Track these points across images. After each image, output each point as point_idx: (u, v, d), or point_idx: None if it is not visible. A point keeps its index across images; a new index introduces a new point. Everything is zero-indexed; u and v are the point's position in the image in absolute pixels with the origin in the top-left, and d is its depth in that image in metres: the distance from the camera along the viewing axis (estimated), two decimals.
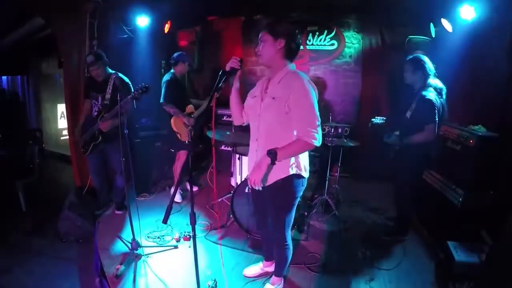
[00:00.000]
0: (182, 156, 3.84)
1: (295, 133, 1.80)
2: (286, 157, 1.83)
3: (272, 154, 1.74)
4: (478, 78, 3.26)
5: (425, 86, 2.71)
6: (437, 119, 2.61)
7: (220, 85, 1.79)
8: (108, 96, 3.11)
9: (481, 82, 3.23)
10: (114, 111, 2.92)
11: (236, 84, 2.02)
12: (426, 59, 2.75)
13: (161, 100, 3.59)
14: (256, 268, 2.53)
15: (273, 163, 1.76)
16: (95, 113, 3.18)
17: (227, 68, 1.85)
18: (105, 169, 3.52)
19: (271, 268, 2.51)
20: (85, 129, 3.24)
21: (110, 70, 3.15)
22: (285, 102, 1.78)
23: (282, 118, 1.80)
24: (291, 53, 1.85)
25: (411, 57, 2.85)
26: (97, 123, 3.06)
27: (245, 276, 2.50)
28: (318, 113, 1.77)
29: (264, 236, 2.42)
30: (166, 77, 3.63)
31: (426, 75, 2.72)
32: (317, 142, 1.75)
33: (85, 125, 3.28)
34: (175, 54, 3.70)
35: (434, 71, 2.75)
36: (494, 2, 2.97)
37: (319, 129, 1.77)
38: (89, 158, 3.39)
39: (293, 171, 1.88)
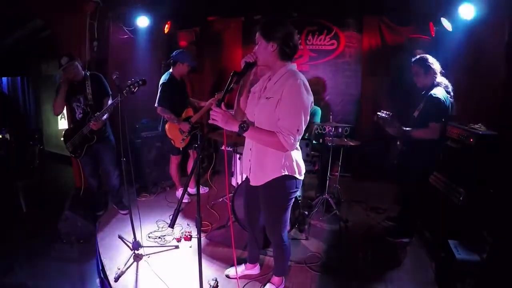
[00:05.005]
0: (174, 160, 3.80)
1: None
2: (253, 138, 1.84)
3: (243, 127, 1.69)
4: (477, 76, 3.27)
5: (434, 85, 2.71)
6: (443, 119, 2.62)
7: (231, 86, 1.73)
8: (90, 96, 3.10)
9: (480, 81, 3.23)
10: (108, 108, 2.93)
11: (247, 85, 1.99)
12: (432, 59, 2.74)
13: (156, 104, 3.46)
14: (238, 270, 2.46)
15: (238, 134, 1.71)
16: (80, 115, 3.13)
17: (242, 63, 1.78)
18: (99, 170, 3.51)
19: (252, 271, 2.51)
20: (70, 134, 3.17)
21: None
22: (277, 102, 1.75)
23: (275, 118, 1.76)
24: (286, 54, 1.79)
25: (417, 58, 2.81)
26: (87, 124, 3.01)
27: (226, 276, 2.49)
28: (302, 120, 1.72)
29: (252, 238, 2.39)
30: (163, 79, 3.47)
31: (434, 75, 2.72)
32: (289, 147, 1.72)
33: (70, 130, 3.22)
34: (174, 53, 3.52)
35: (441, 69, 2.74)
36: (493, 1, 2.98)
37: (298, 136, 1.73)
38: (83, 162, 3.36)
39: (285, 172, 1.87)
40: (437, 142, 2.74)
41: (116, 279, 2.40)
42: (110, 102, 3.11)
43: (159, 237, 3.02)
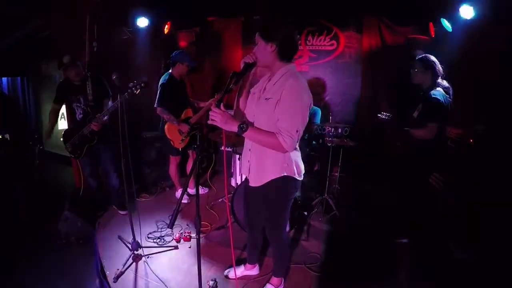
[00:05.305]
0: (174, 161, 3.80)
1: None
2: (252, 139, 1.83)
3: (242, 128, 1.69)
4: (477, 77, 3.27)
5: (434, 86, 2.70)
6: (442, 119, 2.62)
7: (230, 86, 1.73)
8: (90, 97, 3.10)
9: (480, 81, 3.23)
10: (109, 109, 2.93)
11: (247, 85, 2.00)
12: (435, 59, 2.72)
13: (155, 105, 3.44)
14: (238, 271, 2.46)
15: (238, 134, 1.71)
16: (80, 116, 3.13)
17: (241, 64, 1.79)
18: (99, 170, 3.52)
19: (252, 272, 2.51)
20: (70, 134, 3.17)
21: None
22: (277, 102, 1.74)
23: (274, 119, 1.76)
24: (286, 55, 1.79)
25: (420, 56, 2.81)
26: (88, 124, 3.02)
27: (226, 277, 2.49)
28: (302, 121, 1.72)
29: (251, 238, 2.39)
30: (163, 80, 3.46)
31: (435, 76, 2.70)
32: (288, 148, 1.72)
33: (70, 130, 3.22)
34: (174, 54, 3.52)
35: (443, 73, 2.72)
36: (493, 1, 2.98)
37: (297, 137, 1.73)
38: (82, 162, 3.36)
39: (284, 173, 1.87)
40: (436, 142, 2.74)
41: (115, 280, 2.40)
42: (110, 102, 3.12)
43: (159, 238, 3.02)
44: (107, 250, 2.82)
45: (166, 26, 4.67)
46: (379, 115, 2.97)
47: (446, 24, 3.56)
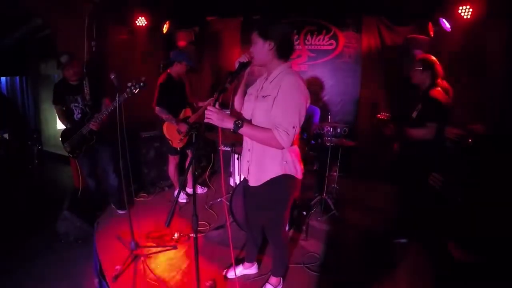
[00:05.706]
0: (172, 160, 3.79)
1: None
2: (249, 135, 1.84)
3: (238, 124, 1.70)
4: (476, 76, 3.27)
5: (433, 86, 2.69)
6: (441, 119, 2.62)
7: (225, 86, 1.73)
8: (88, 96, 3.09)
9: (479, 81, 3.23)
10: (108, 108, 2.92)
11: (242, 85, 2.00)
12: (435, 60, 2.72)
13: (154, 104, 3.43)
14: (236, 271, 2.45)
15: (234, 131, 1.72)
16: (79, 116, 3.13)
17: (236, 64, 1.80)
18: (97, 170, 3.51)
19: (250, 271, 2.51)
20: (68, 134, 3.17)
21: None
22: (274, 99, 1.75)
23: (272, 117, 1.76)
24: (283, 53, 1.80)
25: (420, 56, 2.81)
26: (87, 124, 3.02)
27: (224, 277, 2.48)
28: (298, 118, 1.72)
29: (250, 237, 2.39)
30: (161, 79, 3.45)
31: (434, 76, 2.69)
32: (284, 144, 1.72)
33: (68, 130, 3.20)
34: (172, 53, 3.52)
35: (442, 74, 2.72)
36: (492, 1, 2.98)
37: (294, 133, 1.72)
38: (81, 162, 3.36)
39: (284, 171, 1.87)
40: (435, 142, 2.74)
41: (114, 279, 2.40)
42: (108, 102, 3.12)
43: (157, 237, 3.01)
44: (106, 250, 2.81)
45: (165, 26, 4.67)
46: (379, 115, 2.97)
47: (445, 23, 3.56)
